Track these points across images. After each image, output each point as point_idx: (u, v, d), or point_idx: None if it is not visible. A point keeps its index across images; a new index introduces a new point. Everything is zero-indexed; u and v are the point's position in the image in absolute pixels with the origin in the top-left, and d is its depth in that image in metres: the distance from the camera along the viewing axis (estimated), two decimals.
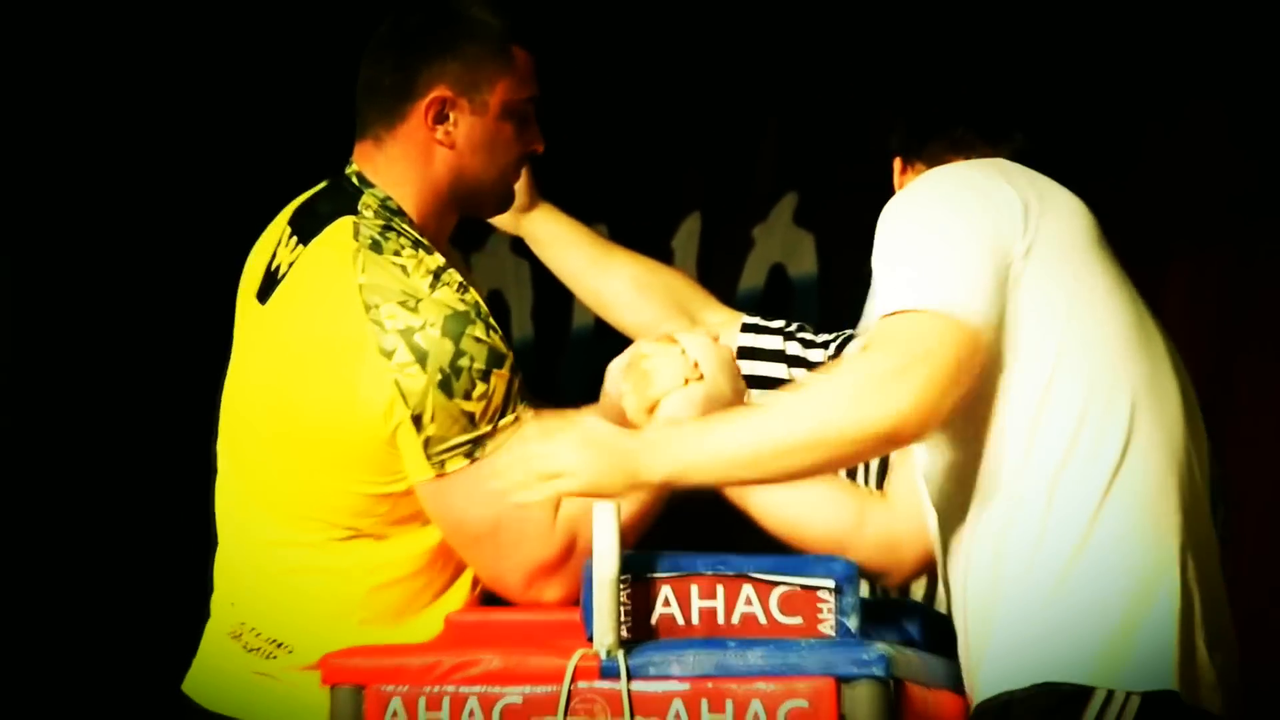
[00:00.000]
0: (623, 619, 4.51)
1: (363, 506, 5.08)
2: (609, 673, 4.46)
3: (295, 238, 5.25)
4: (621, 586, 4.52)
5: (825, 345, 5.97)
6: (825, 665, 4.40)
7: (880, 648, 4.41)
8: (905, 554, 5.17)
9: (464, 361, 4.99)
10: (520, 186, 5.83)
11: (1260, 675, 6.31)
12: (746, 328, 5.85)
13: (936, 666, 4.71)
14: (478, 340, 5.05)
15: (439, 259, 5.21)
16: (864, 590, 5.12)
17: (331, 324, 5.08)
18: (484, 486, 4.91)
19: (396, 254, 5.11)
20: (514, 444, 4.92)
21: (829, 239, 8.95)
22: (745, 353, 5.86)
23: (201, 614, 5.39)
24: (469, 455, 4.98)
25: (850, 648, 4.43)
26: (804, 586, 4.58)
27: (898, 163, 5.38)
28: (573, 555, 4.95)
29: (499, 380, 5.02)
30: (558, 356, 9.15)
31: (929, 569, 5.12)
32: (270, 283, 5.23)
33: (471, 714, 4.56)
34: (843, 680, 4.36)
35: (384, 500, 5.07)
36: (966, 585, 4.72)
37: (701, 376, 5.06)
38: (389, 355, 4.97)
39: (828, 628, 4.51)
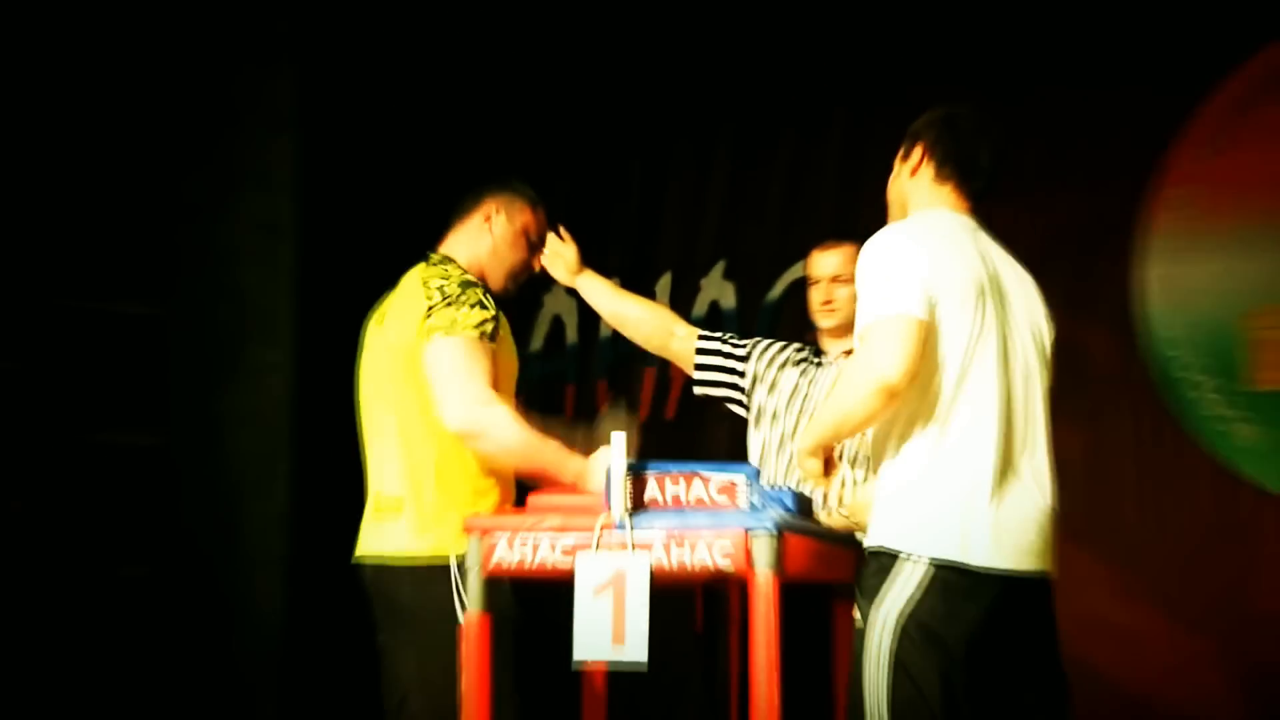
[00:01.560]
0: (628, 499, 4.60)
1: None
2: (621, 528, 4.55)
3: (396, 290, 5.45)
4: (627, 480, 4.61)
5: (742, 347, 5.81)
6: (741, 523, 4.51)
7: (771, 513, 4.52)
8: None
9: (463, 298, 5.14)
10: (573, 260, 5.90)
11: None
12: (702, 338, 5.76)
13: (800, 525, 4.78)
14: (474, 293, 5.19)
15: (465, 280, 5.33)
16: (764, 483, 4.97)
17: (407, 300, 5.24)
18: (448, 353, 5.08)
19: (442, 269, 5.30)
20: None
21: (744, 287, 8.75)
22: (701, 351, 5.82)
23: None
24: (445, 334, 5.07)
25: (755, 514, 4.54)
26: (730, 480, 4.68)
27: (918, 149, 5.09)
28: (494, 399, 5.09)
29: (479, 311, 5.13)
30: (590, 353, 9.01)
31: None
32: (383, 316, 5.41)
33: (542, 548, 4.64)
34: (750, 531, 4.48)
35: None
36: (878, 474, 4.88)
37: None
38: (429, 298, 5.15)
39: (743, 503, 4.63)
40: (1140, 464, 7.50)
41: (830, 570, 5.05)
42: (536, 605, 5.17)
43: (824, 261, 5.64)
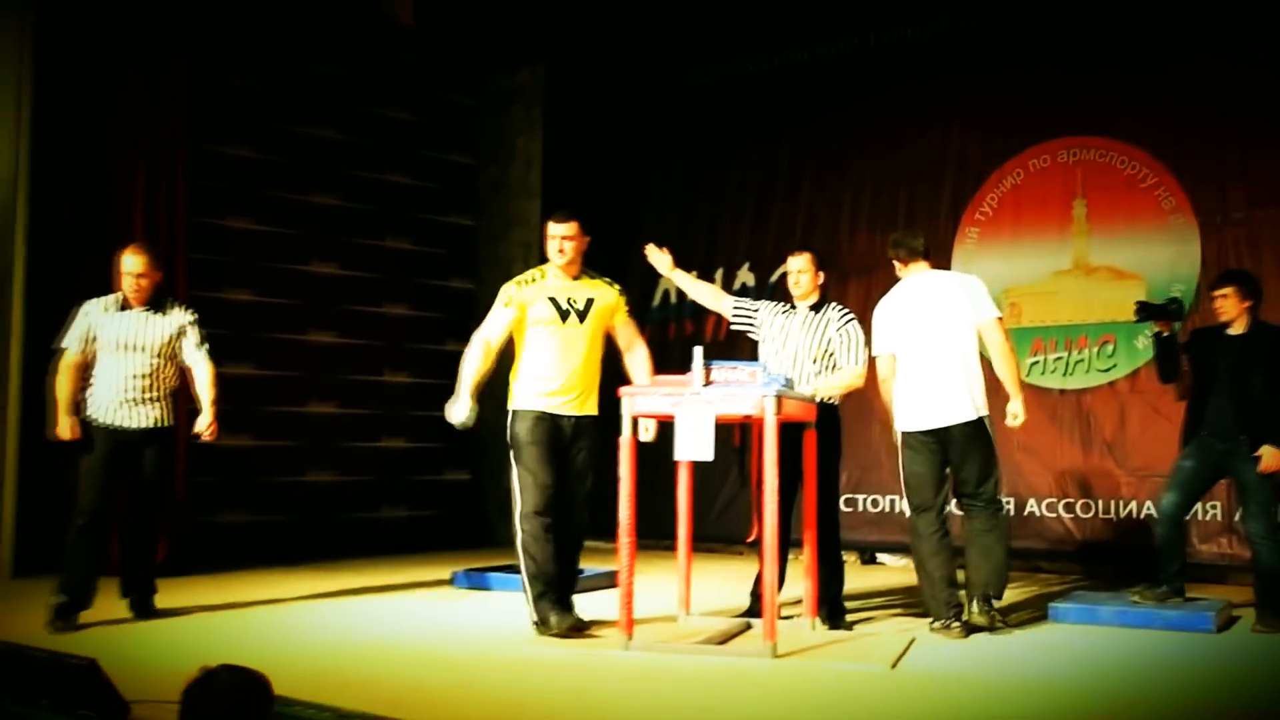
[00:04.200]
0: (703, 379, 4.45)
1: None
2: (699, 393, 4.40)
3: None
4: (703, 369, 4.45)
5: (755, 306, 5.45)
6: (759, 391, 4.38)
7: (774, 387, 4.39)
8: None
9: (507, 287, 4.92)
10: (668, 262, 5.47)
11: None
12: (736, 303, 5.32)
13: (788, 392, 4.58)
14: (509, 287, 4.93)
15: (533, 273, 5.03)
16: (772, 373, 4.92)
17: None
18: (493, 311, 4.95)
19: (529, 271, 5.04)
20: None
21: (758, 275, 8.36)
22: (735, 310, 5.43)
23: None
24: (502, 305, 4.91)
25: (765, 386, 4.39)
26: (753, 369, 4.51)
27: (896, 261, 5.13)
28: (477, 335, 4.93)
29: (505, 295, 4.90)
30: (682, 307, 8.51)
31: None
32: None
33: (659, 403, 4.48)
34: (764, 395, 4.35)
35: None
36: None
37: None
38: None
39: (760, 381, 4.45)
40: None
41: (804, 415, 4.88)
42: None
43: (793, 262, 5.36)
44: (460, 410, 4.85)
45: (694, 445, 4.41)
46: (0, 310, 6.72)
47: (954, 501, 5.12)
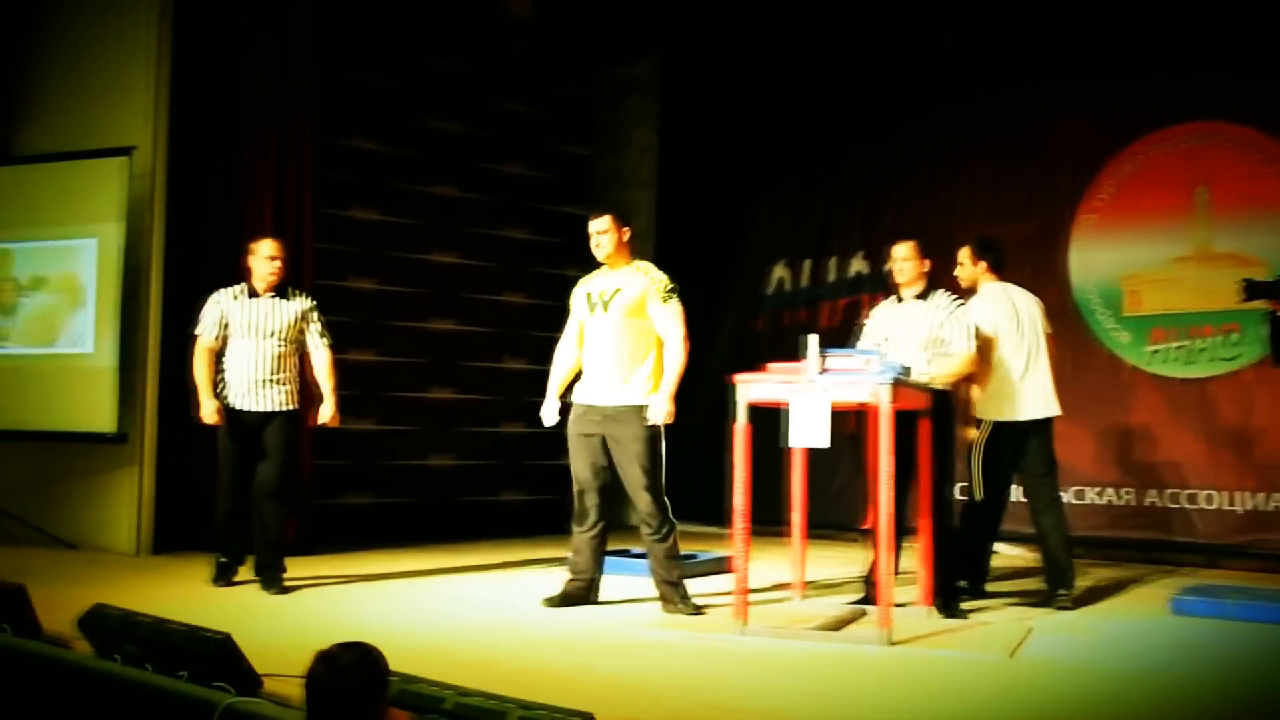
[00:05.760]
0: (819, 365, 4.39)
1: None
2: (814, 380, 4.33)
3: None
4: (820, 357, 4.41)
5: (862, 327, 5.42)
6: (875, 379, 4.32)
7: (888, 374, 4.33)
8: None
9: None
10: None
11: None
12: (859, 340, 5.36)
13: (902, 380, 4.49)
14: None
15: (594, 271, 5.16)
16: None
17: None
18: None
19: None
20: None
21: (872, 264, 8.13)
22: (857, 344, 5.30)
23: None
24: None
25: (881, 374, 4.33)
26: (869, 357, 4.49)
27: (982, 261, 5.55)
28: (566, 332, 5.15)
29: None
30: (797, 297, 8.45)
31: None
32: None
33: (775, 390, 4.41)
34: (879, 383, 4.29)
35: None
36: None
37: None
38: None
39: (875, 369, 4.38)
40: (1073, 355, 7.10)
41: (917, 403, 4.82)
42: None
43: (897, 251, 5.30)
44: (544, 412, 5.10)
45: (809, 433, 4.37)
46: (139, 299, 6.91)
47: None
